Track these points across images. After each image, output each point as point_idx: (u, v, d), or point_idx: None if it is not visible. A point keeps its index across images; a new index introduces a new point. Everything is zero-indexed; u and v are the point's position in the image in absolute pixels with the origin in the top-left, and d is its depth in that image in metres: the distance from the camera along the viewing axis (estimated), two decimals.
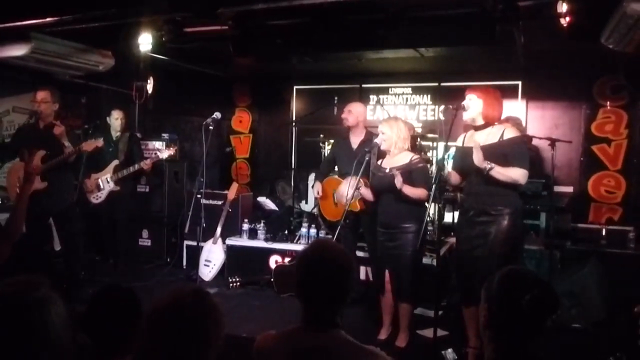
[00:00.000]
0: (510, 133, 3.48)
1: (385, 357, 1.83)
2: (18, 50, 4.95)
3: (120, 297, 1.92)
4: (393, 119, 4.25)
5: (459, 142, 3.78)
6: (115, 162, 5.77)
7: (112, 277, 5.61)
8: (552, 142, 4.80)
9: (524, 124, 6.43)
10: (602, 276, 4.67)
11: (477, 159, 3.42)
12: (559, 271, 4.97)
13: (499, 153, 3.43)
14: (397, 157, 4.01)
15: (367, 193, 4.13)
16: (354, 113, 4.87)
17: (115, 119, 5.94)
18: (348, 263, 1.90)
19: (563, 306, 4.41)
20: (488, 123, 3.54)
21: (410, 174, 3.90)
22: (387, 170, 3.98)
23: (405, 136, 4.04)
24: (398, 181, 3.80)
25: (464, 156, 3.61)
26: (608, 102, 6.39)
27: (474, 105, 3.55)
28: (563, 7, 3.75)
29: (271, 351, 1.87)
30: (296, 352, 1.82)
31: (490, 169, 3.38)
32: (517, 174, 3.40)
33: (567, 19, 3.79)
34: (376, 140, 4.26)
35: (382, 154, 4.23)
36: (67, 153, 4.69)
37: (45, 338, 1.30)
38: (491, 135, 3.51)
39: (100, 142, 4.92)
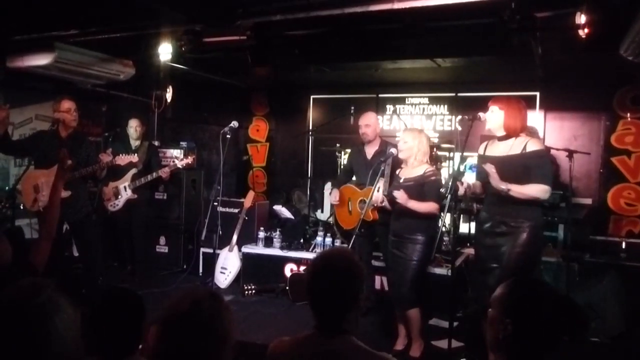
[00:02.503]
0: (534, 145, 3.40)
1: None
2: (42, 60, 5.06)
3: (123, 300, 1.93)
4: (417, 130, 4.22)
5: (480, 151, 3.73)
6: (134, 171, 5.84)
7: (129, 283, 5.67)
8: (570, 153, 4.76)
9: (541, 134, 6.38)
10: (621, 289, 4.60)
11: (494, 182, 3.38)
12: (576, 284, 4.91)
13: (521, 165, 3.38)
14: (414, 169, 4.00)
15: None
16: (372, 126, 4.87)
17: (131, 128, 6.03)
18: (358, 271, 1.92)
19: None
20: (510, 134, 3.49)
21: (422, 186, 3.90)
22: (402, 181, 3.99)
23: (426, 150, 4.04)
24: (402, 198, 3.81)
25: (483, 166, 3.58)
26: (628, 114, 6.32)
27: (495, 117, 3.51)
28: (581, 19, 3.73)
29: (284, 357, 1.89)
30: (309, 358, 1.84)
31: (508, 190, 3.34)
32: (536, 191, 3.33)
33: (586, 30, 3.76)
34: (391, 150, 4.27)
35: (398, 164, 4.23)
36: (99, 165, 4.76)
37: (48, 343, 1.29)
38: (514, 147, 3.45)
39: (135, 158, 5.00)
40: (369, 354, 1.84)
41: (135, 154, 5.28)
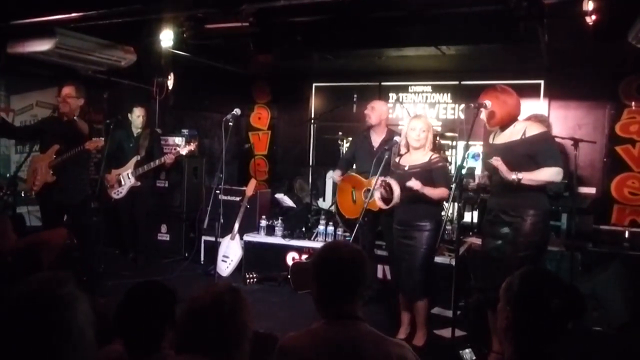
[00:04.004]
0: (533, 130, 3.36)
1: (410, 349, 1.88)
2: (43, 46, 5.02)
3: (154, 294, 1.93)
4: (424, 116, 4.18)
5: (489, 140, 3.67)
6: (136, 158, 5.83)
7: (131, 271, 5.67)
8: (576, 142, 4.73)
9: None
10: (624, 279, 4.59)
11: (503, 174, 3.33)
12: (580, 273, 4.90)
13: (523, 151, 3.34)
14: (420, 156, 3.97)
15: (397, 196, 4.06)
16: (376, 110, 4.82)
17: (137, 117, 6.00)
18: (362, 256, 2.01)
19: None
20: (502, 125, 3.47)
21: (430, 173, 3.88)
22: (407, 168, 3.96)
23: (432, 137, 4.04)
24: (416, 185, 3.77)
25: (488, 155, 3.54)
26: (633, 102, 6.27)
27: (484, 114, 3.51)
28: (589, 5, 3.67)
29: (297, 349, 1.88)
30: (323, 346, 1.85)
31: (519, 179, 3.28)
32: (548, 174, 3.27)
33: (593, 17, 3.71)
34: (396, 139, 4.24)
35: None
36: (74, 151, 4.69)
37: (69, 335, 1.29)
38: (514, 134, 3.42)
39: (100, 142, 4.85)
40: (383, 339, 1.87)
41: (102, 139, 5.08)
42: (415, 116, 4.15)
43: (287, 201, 6.49)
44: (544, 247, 3.54)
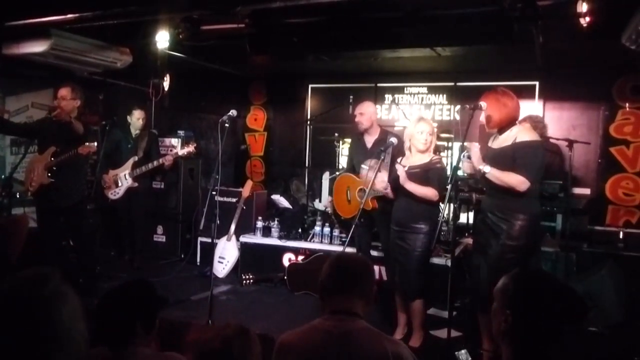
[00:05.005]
0: (523, 137, 3.37)
1: (406, 347, 1.94)
2: (38, 47, 5.02)
3: (131, 291, 1.96)
4: (428, 119, 4.21)
5: (488, 143, 3.70)
6: (134, 159, 5.82)
7: (127, 272, 5.66)
8: (570, 143, 4.75)
9: None
10: (619, 279, 4.61)
11: (474, 159, 3.38)
12: (574, 273, 4.92)
13: (509, 156, 3.36)
14: (421, 157, 3.99)
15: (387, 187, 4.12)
16: (366, 114, 4.82)
17: (137, 119, 5.98)
18: (362, 259, 2.19)
19: None
20: (500, 128, 3.49)
21: (427, 172, 3.89)
22: (406, 169, 3.97)
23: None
24: (401, 176, 3.82)
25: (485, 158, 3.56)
26: (627, 104, 6.30)
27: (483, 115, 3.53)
28: (583, 7, 3.70)
29: (295, 344, 1.93)
30: (320, 340, 1.91)
31: (485, 172, 3.34)
32: (513, 180, 3.28)
33: (587, 18, 3.73)
34: (391, 140, 4.25)
35: (398, 153, 4.21)
36: (68, 155, 4.68)
37: (53, 332, 1.28)
38: (508, 139, 3.44)
39: (93, 147, 4.84)
40: (379, 334, 1.93)
41: (94, 144, 5.07)
42: (420, 119, 4.15)
43: (284, 202, 6.50)
44: (532, 251, 3.54)
